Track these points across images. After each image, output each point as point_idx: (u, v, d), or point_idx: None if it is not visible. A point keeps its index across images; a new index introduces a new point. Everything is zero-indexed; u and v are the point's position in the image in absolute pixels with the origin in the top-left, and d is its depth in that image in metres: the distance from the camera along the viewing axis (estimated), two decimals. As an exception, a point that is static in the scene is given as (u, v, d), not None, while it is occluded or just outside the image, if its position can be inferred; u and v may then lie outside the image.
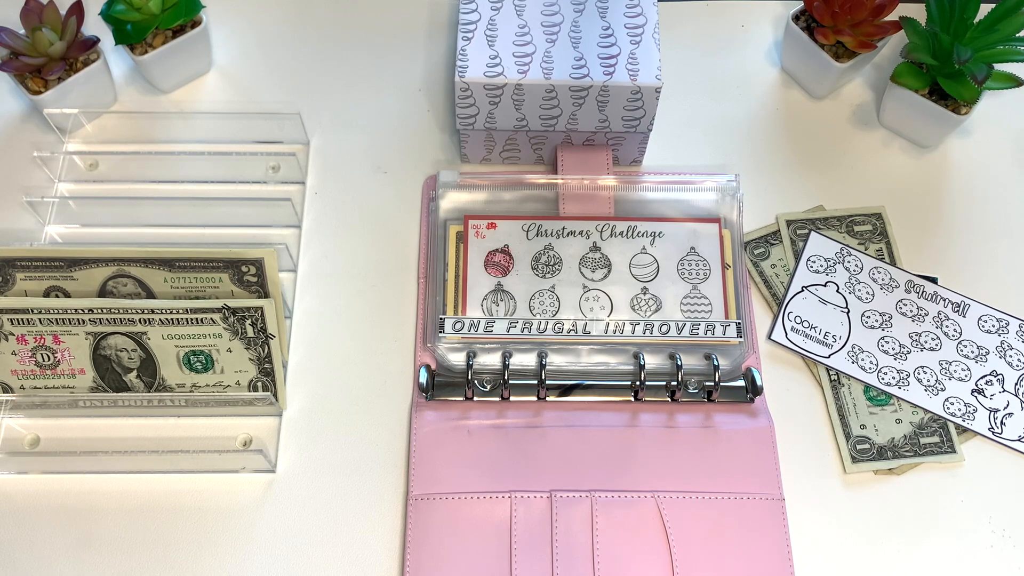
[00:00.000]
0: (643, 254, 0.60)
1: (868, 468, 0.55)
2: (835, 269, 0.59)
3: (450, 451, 0.54)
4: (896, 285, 0.59)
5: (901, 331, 0.58)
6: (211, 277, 0.55)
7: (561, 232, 0.60)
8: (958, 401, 0.57)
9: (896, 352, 0.58)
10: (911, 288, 0.59)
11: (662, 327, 0.57)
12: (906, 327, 0.58)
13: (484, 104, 0.59)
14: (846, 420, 0.57)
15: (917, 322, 0.58)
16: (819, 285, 0.59)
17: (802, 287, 0.59)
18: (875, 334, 0.58)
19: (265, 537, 0.53)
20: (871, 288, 0.59)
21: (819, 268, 0.60)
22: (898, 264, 0.61)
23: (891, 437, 0.56)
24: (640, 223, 0.60)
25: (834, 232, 0.62)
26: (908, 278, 0.59)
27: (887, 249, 0.62)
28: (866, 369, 0.57)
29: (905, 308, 0.59)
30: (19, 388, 0.55)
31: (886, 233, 0.62)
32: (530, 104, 0.58)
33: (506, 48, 0.58)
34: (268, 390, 0.55)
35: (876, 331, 0.58)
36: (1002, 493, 0.55)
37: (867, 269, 0.59)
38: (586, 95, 0.58)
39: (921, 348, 0.58)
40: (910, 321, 0.58)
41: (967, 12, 0.60)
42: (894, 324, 0.58)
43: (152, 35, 0.63)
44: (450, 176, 0.61)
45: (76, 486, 0.54)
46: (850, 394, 0.57)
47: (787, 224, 0.63)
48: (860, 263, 0.59)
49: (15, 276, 0.55)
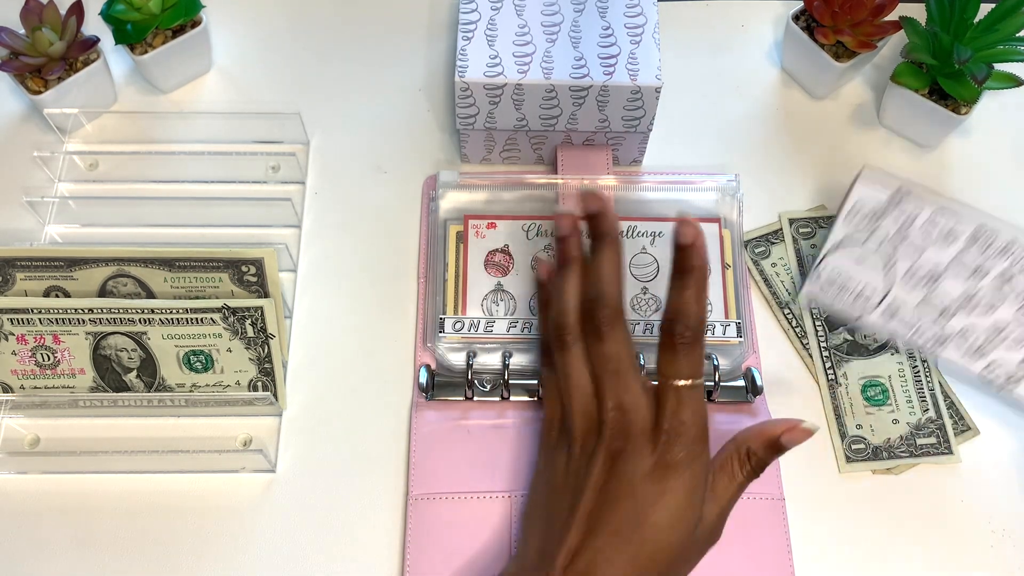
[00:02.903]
0: (643, 254, 0.60)
1: (863, 468, 0.55)
2: (883, 217, 0.53)
3: (450, 451, 0.54)
4: (956, 235, 0.51)
5: (953, 289, 0.52)
6: (211, 277, 0.55)
7: (561, 232, 0.60)
8: (1003, 366, 0.52)
9: (943, 313, 0.52)
10: (975, 237, 0.51)
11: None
12: (958, 286, 0.52)
13: (484, 104, 0.59)
14: (842, 420, 0.57)
15: (973, 279, 0.52)
16: (861, 237, 0.54)
17: (840, 240, 0.54)
18: (919, 293, 0.53)
19: (265, 537, 0.53)
20: (930, 236, 0.52)
21: (863, 221, 0.53)
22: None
23: (887, 437, 0.56)
24: (640, 223, 0.60)
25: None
26: (978, 223, 0.51)
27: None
28: (902, 327, 0.53)
29: (967, 260, 0.51)
30: (19, 388, 0.55)
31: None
32: (530, 104, 0.58)
33: (506, 48, 0.58)
34: (268, 390, 0.55)
35: (921, 289, 0.53)
36: (1001, 493, 0.55)
37: (922, 219, 0.51)
38: (586, 95, 0.58)
39: (973, 309, 0.52)
40: (962, 280, 0.52)
41: (967, 12, 0.61)
42: (944, 282, 0.52)
43: (152, 35, 0.63)
44: (450, 176, 0.61)
45: (76, 486, 0.54)
46: (847, 394, 0.57)
47: (790, 223, 0.63)
48: (919, 208, 0.51)
49: (15, 276, 0.55)
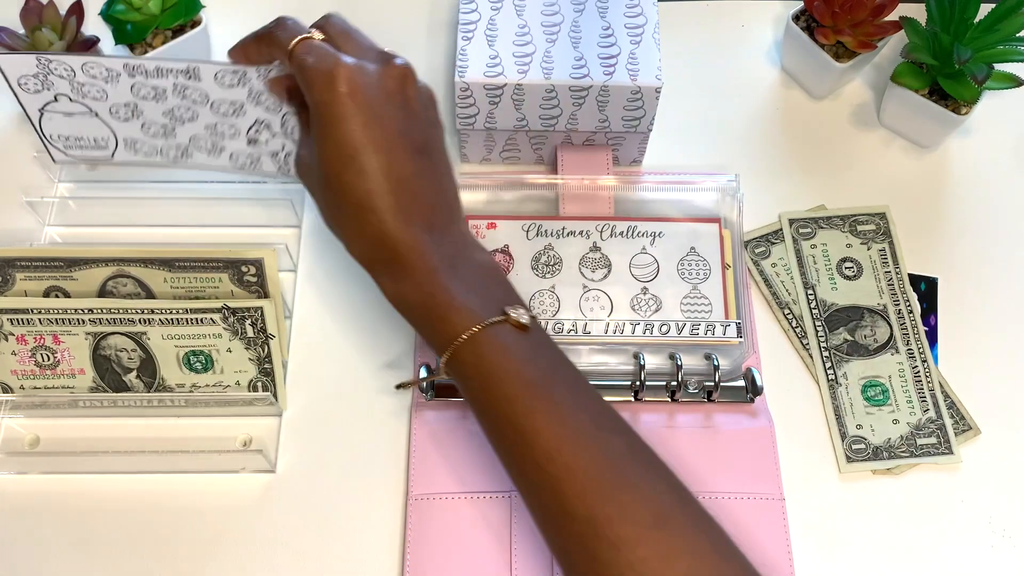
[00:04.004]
0: (643, 254, 0.60)
1: (864, 468, 0.55)
2: (51, 82, 0.55)
3: (450, 451, 0.54)
4: (117, 73, 0.54)
5: (155, 113, 0.55)
6: (211, 277, 0.55)
7: (561, 232, 0.60)
8: (241, 154, 0.56)
9: (165, 132, 0.56)
10: (132, 71, 0.54)
11: (662, 327, 0.57)
12: (156, 108, 0.55)
13: (484, 104, 0.59)
14: (842, 420, 0.57)
15: (161, 101, 0.55)
16: (52, 102, 0.56)
17: (38, 110, 0.56)
18: (133, 125, 0.56)
19: (265, 537, 0.53)
20: (98, 85, 0.55)
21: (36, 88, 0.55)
22: (900, 263, 0.61)
23: (887, 438, 0.56)
24: (640, 223, 0.60)
25: (836, 231, 0.62)
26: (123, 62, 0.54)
27: (890, 249, 0.62)
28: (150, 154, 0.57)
29: (142, 92, 0.55)
30: (19, 388, 0.55)
31: (889, 233, 0.62)
32: (530, 104, 0.58)
33: (506, 48, 0.58)
34: (268, 390, 0.55)
35: (133, 121, 0.56)
36: (1002, 493, 0.55)
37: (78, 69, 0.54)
38: (586, 95, 0.58)
39: (182, 121, 0.55)
40: (154, 102, 0.55)
41: (967, 12, 0.60)
42: (144, 109, 0.55)
43: (152, 35, 0.63)
44: (450, 176, 0.61)
45: (76, 486, 0.54)
46: (847, 394, 0.57)
47: (789, 223, 0.63)
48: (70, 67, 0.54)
49: (15, 276, 0.55)
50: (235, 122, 0.56)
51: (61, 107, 0.56)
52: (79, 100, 0.55)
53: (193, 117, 0.56)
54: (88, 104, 0.56)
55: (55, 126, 0.57)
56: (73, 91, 0.55)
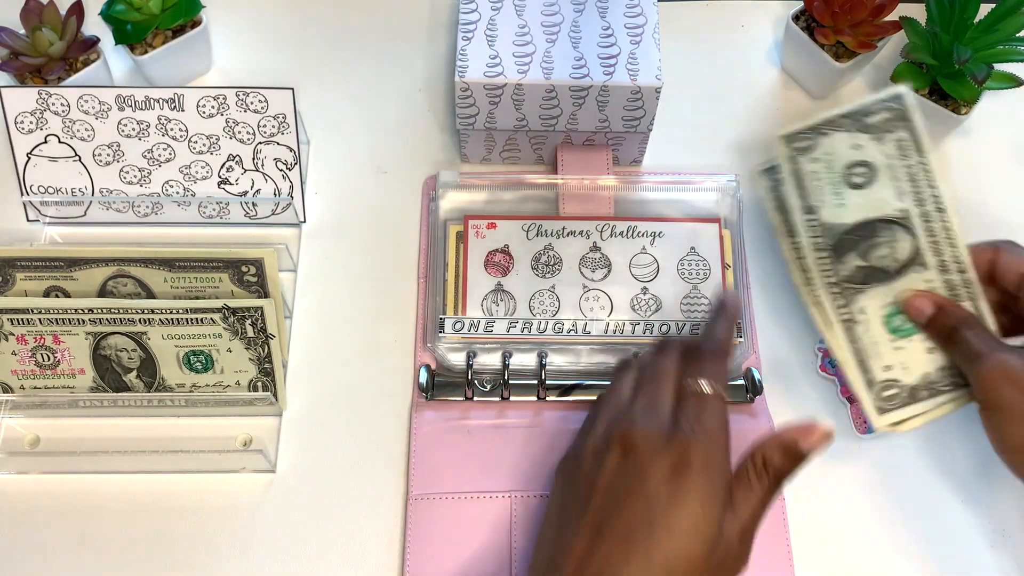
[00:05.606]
0: (643, 254, 0.60)
1: (902, 416, 0.47)
2: (45, 119, 0.53)
3: (450, 451, 0.54)
4: (108, 107, 0.52)
5: (134, 155, 0.54)
6: (211, 277, 0.55)
7: (561, 232, 0.60)
8: (211, 203, 0.54)
9: (139, 179, 0.54)
10: (123, 104, 0.52)
11: (662, 327, 0.57)
12: (137, 147, 0.54)
13: (484, 104, 0.59)
14: (866, 365, 0.48)
15: (143, 138, 0.53)
16: (42, 143, 0.54)
17: (26, 154, 0.54)
18: (113, 169, 0.54)
19: (265, 537, 0.53)
20: (88, 123, 0.53)
21: (31, 127, 0.53)
22: (924, 152, 0.49)
23: (924, 372, 0.47)
24: (640, 223, 0.60)
25: (842, 133, 0.50)
26: (116, 93, 0.52)
27: (911, 136, 0.50)
28: (122, 210, 0.56)
29: (127, 128, 0.53)
30: (19, 388, 0.55)
31: (907, 116, 0.50)
32: (530, 104, 0.58)
33: (506, 48, 0.58)
34: (268, 390, 0.55)
35: (113, 166, 0.54)
36: (1001, 493, 0.55)
37: (74, 103, 0.52)
38: (586, 95, 0.58)
39: (159, 163, 0.53)
40: (137, 140, 0.53)
41: (967, 12, 0.61)
42: (125, 150, 0.53)
43: (152, 35, 0.63)
44: (450, 176, 0.61)
45: (76, 486, 0.54)
46: (867, 331, 0.48)
47: (786, 140, 0.51)
48: (67, 101, 0.52)
49: (15, 276, 0.55)
50: (209, 160, 0.56)
51: (48, 150, 0.56)
52: (67, 141, 0.56)
53: (170, 157, 0.56)
54: (74, 146, 0.56)
55: (38, 175, 0.57)
56: (64, 129, 0.55)
